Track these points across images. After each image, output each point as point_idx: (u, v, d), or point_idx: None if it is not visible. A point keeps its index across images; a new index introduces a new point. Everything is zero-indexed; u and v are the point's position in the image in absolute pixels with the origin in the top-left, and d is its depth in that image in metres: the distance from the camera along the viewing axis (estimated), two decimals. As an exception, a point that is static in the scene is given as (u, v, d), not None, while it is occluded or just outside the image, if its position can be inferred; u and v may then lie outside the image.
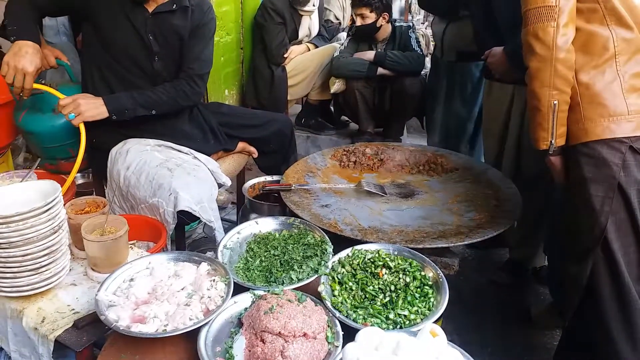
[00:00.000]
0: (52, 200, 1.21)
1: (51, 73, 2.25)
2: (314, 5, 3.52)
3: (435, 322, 1.12)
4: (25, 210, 1.16)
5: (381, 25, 3.23)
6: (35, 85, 1.77)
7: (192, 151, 1.95)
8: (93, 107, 1.78)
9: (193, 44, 1.94)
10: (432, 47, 3.76)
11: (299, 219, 1.53)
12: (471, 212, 1.75)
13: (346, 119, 3.75)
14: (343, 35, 4.29)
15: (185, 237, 2.15)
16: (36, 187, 1.31)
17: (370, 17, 3.20)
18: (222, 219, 2.62)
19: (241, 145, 2.18)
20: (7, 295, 1.22)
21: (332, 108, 3.83)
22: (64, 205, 1.34)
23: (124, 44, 1.86)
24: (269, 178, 2.12)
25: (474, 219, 1.70)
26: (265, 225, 1.52)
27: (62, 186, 1.62)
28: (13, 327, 1.26)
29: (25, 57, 1.69)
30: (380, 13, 3.19)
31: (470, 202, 1.82)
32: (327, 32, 4.22)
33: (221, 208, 2.77)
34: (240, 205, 2.41)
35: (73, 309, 1.24)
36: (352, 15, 3.49)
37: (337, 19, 4.60)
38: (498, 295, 2.37)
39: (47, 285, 1.24)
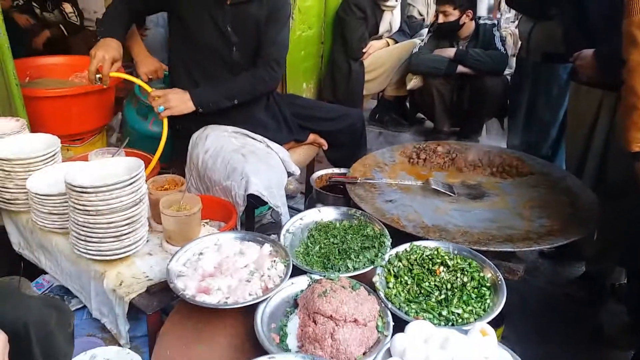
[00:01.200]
0: (135, 175, 1.33)
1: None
2: (396, 1, 3.50)
3: (496, 328, 1.09)
4: (111, 182, 1.28)
5: (464, 23, 3.15)
6: (122, 75, 1.92)
7: (266, 139, 2.03)
8: (181, 102, 1.92)
9: (268, 29, 2.01)
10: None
11: (360, 211, 1.55)
12: (543, 218, 1.68)
13: (422, 116, 3.71)
14: (426, 31, 4.22)
15: (255, 221, 2.24)
16: (123, 163, 1.44)
17: (454, 15, 3.13)
18: (291, 207, 2.70)
19: (312, 137, 2.23)
20: (92, 258, 1.36)
21: (407, 105, 3.80)
22: (147, 181, 1.46)
23: (205, 37, 1.98)
24: (336, 170, 2.15)
25: (545, 225, 1.63)
26: (327, 214, 1.55)
27: (147, 165, 1.78)
28: (95, 287, 1.40)
29: (106, 48, 1.84)
30: (464, 10, 3.11)
31: (544, 208, 1.74)
32: (410, 28, 4.18)
33: (290, 197, 2.86)
34: (308, 195, 2.47)
35: (147, 276, 1.36)
36: (436, 11, 3.43)
37: (421, 15, 4.54)
38: (570, 309, 2.24)
39: (126, 252, 1.37)
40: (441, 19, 3.19)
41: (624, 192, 2.07)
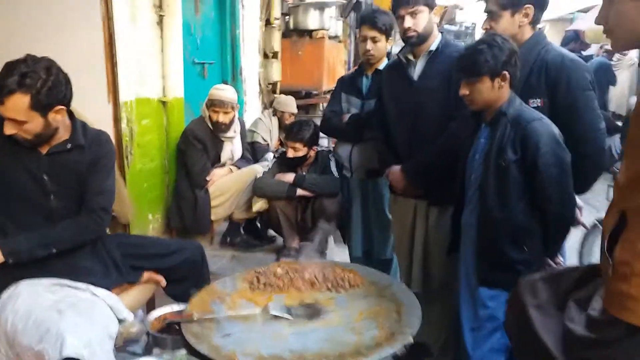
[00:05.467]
0: None
1: None
2: (234, 132, 3.71)
3: None
4: None
5: (310, 156, 3.43)
6: None
7: (90, 287, 1.89)
8: None
9: (93, 178, 1.98)
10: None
11: (187, 356, 1.48)
12: (373, 329, 1.75)
13: (273, 234, 3.81)
14: (270, 155, 4.50)
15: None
16: None
17: (302, 150, 3.41)
18: (135, 354, 2.47)
19: (147, 275, 2.14)
20: None
21: (258, 224, 3.89)
22: None
23: (19, 186, 1.88)
24: (176, 307, 2.06)
25: (374, 337, 1.70)
26: (149, 366, 1.45)
27: None
28: None
29: None
30: (311, 147, 3.41)
31: (373, 319, 1.82)
32: (256, 152, 4.44)
33: (134, 341, 2.63)
34: (149, 339, 2.30)
35: None
36: (279, 138, 3.69)
37: (265, 141, 4.85)
38: (424, 412, 2.30)
39: None
40: (291, 154, 3.42)
41: (446, 290, 2.29)
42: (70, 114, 2.01)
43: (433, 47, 2.38)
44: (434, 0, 2.40)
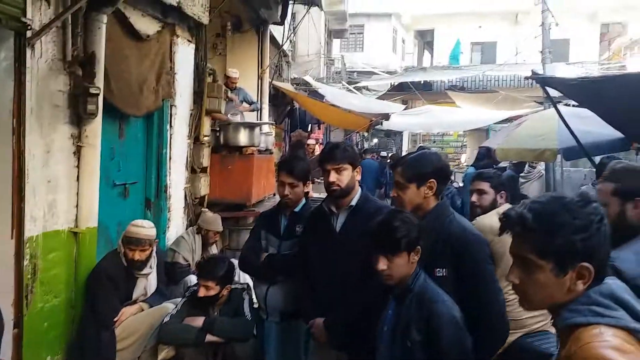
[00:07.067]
0: None
1: None
2: (150, 268, 3.55)
3: None
4: None
5: (223, 295, 3.29)
6: None
7: None
8: None
9: None
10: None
11: None
12: None
13: (184, 378, 3.55)
14: (191, 277, 4.30)
15: None
16: None
17: (215, 289, 3.24)
18: None
19: None
20: None
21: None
22: None
23: None
24: None
25: None
26: None
27: None
28: None
29: None
30: (224, 285, 3.28)
31: None
32: (176, 273, 4.24)
33: None
34: None
35: None
36: (198, 284, 3.46)
37: (186, 261, 4.67)
38: None
39: None
40: (202, 293, 3.25)
41: None
42: None
43: (354, 202, 2.56)
44: (358, 160, 2.65)
